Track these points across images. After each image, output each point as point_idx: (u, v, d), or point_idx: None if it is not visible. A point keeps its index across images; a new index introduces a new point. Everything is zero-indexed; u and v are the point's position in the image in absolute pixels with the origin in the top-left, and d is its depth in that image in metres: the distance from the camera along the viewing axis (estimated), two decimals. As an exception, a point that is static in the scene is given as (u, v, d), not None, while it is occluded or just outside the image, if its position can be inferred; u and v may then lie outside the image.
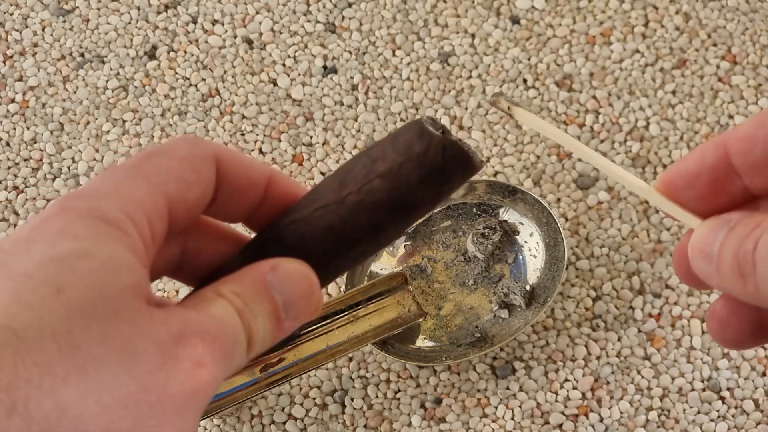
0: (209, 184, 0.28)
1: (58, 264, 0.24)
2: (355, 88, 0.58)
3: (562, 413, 0.49)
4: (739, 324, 0.31)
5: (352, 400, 0.50)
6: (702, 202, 0.30)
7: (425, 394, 0.50)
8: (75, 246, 0.25)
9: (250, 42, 0.60)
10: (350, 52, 0.59)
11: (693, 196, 0.30)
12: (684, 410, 0.49)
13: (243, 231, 0.31)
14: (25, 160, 0.57)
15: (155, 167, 0.27)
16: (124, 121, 0.58)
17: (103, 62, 0.60)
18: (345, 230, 0.28)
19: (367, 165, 0.28)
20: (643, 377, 0.50)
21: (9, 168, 0.57)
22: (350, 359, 0.51)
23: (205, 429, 0.49)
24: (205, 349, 0.25)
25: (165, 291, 0.53)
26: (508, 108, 0.30)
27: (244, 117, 0.58)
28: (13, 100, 0.59)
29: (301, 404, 0.50)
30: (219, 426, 0.50)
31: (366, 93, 0.58)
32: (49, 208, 0.26)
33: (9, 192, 0.56)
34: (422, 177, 0.27)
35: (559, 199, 0.54)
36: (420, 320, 0.51)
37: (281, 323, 0.28)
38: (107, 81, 0.59)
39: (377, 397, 0.50)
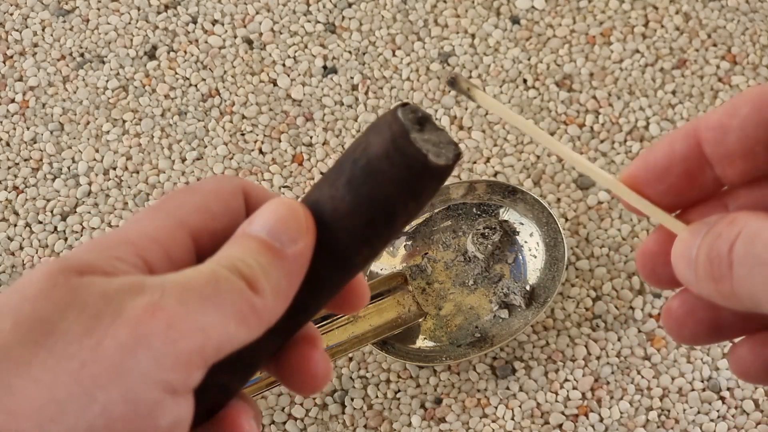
0: (238, 214, 0.28)
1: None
2: (355, 88, 0.58)
3: (562, 413, 0.49)
4: (695, 323, 0.30)
5: (352, 400, 0.50)
6: (672, 195, 0.29)
7: (425, 394, 0.50)
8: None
9: (250, 42, 0.60)
10: (350, 52, 0.59)
11: (663, 189, 0.29)
12: (684, 410, 0.49)
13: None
14: (25, 160, 0.57)
15: (176, 203, 0.28)
16: (124, 121, 0.58)
17: (103, 62, 0.60)
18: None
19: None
20: (643, 377, 0.50)
21: (9, 168, 0.57)
22: (350, 359, 0.51)
23: (205, 429, 0.49)
24: (165, 295, 0.24)
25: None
26: (468, 89, 0.28)
27: (244, 117, 0.58)
28: (13, 100, 0.59)
29: (301, 404, 0.50)
30: (219, 426, 0.50)
31: (366, 93, 0.58)
32: None
33: (9, 192, 0.56)
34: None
35: (559, 199, 0.54)
36: (420, 320, 0.51)
37: (279, 251, 0.26)
38: (107, 81, 0.59)
39: (377, 397, 0.50)
